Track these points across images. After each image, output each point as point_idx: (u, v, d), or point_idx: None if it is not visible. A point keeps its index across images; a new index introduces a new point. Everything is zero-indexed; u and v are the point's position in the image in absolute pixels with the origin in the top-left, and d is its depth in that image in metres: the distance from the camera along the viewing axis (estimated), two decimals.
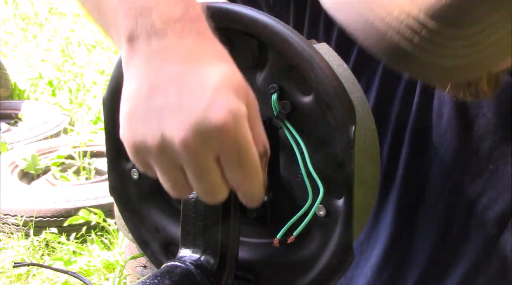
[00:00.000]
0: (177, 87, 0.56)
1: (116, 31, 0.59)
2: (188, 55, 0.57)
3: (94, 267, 2.46)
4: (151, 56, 0.57)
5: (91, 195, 2.65)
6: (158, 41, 0.57)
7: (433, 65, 0.52)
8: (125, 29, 0.58)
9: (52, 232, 2.59)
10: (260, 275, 0.73)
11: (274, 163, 0.70)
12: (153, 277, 0.67)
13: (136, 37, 0.57)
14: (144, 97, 0.57)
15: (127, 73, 0.59)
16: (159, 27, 0.57)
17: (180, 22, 0.57)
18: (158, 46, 0.57)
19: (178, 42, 0.57)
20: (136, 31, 0.57)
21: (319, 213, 0.67)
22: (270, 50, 0.66)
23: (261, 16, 0.65)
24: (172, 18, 0.57)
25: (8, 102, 3.98)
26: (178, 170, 0.58)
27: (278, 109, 0.66)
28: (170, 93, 0.56)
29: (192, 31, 0.58)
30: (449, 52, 0.51)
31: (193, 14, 0.59)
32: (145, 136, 0.57)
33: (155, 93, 0.56)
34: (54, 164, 2.97)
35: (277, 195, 0.70)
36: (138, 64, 0.58)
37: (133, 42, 0.57)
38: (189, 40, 0.57)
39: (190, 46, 0.57)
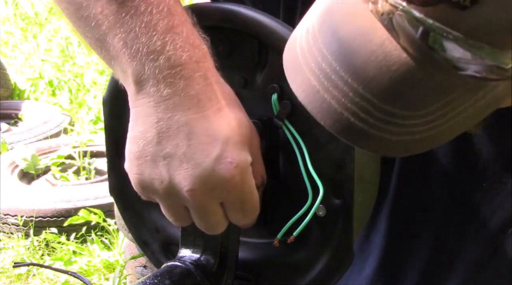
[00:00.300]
0: (186, 136, 0.58)
1: (121, 70, 0.60)
2: (197, 103, 0.59)
3: (94, 267, 2.45)
4: (160, 102, 0.58)
5: (91, 195, 2.65)
6: (166, 88, 0.58)
7: (390, 141, 0.52)
8: (132, 71, 0.58)
9: (52, 232, 2.59)
10: (260, 275, 0.73)
11: (274, 163, 0.70)
12: (153, 277, 0.67)
13: (144, 80, 0.58)
14: (153, 142, 0.59)
15: (134, 112, 0.60)
16: (167, 72, 0.58)
17: (188, 67, 0.58)
18: (167, 92, 0.58)
19: (187, 88, 0.58)
20: (144, 74, 0.58)
21: (319, 213, 0.67)
22: (270, 50, 0.66)
23: (261, 16, 0.65)
24: (179, 63, 0.58)
25: (8, 102, 3.97)
26: (182, 209, 0.63)
27: (278, 109, 0.66)
28: (180, 142, 0.58)
29: (200, 76, 0.59)
30: (406, 129, 0.52)
31: (199, 54, 0.60)
32: (153, 180, 0.61)
33: (164, 140, 0.59)
34: (54, 164, 2.96)
35: (277, 195, 0.70)
36: (147, 107, 0.59)
37: (141, 84, 0.59)
38: (198, 86, 0.59)
39: (199, 93, 0.59)
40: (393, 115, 0.51)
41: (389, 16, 0.47)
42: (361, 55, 0.50)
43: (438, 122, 0.52)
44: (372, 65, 0.50)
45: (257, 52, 0.67)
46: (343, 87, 0.51)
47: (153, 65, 0.57)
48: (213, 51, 0.69)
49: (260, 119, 0.68)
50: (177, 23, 0.59)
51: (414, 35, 0.46)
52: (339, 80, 0.51)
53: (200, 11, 0.69)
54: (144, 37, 0.58)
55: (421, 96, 0.50)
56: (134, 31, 0.58)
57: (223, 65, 0.70)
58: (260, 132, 0.68)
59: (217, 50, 0.69)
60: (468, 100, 0.51)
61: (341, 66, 0.51)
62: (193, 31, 0.61)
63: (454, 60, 0.46)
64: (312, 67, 0.53)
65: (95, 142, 3.12)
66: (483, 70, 0.46)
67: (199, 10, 0.69)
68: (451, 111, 0.51)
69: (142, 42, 0.58)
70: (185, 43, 0.59)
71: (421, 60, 0.48)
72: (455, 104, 0.51)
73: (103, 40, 0.60)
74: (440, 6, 0.44)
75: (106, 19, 0.59)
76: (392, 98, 0.50)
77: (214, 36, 0.69)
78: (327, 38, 0.52)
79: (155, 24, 0.58)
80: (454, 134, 0.55)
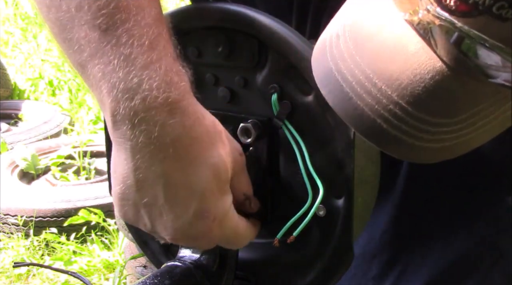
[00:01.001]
0: (163, 188, 0.58)
1: (100, 100, 0.59)
2: (173, 152, 0.57)
3: (94, 267, 2.45)
4: (136, 149, 0.57)
5: (91, 195, 2.65)
6: (141, 135, 0.56)
7: (420, 148, 0.53)
8: (108, 106, 0.57)
9: (52, 232, 2.59)
10: (260, 275, 0.73)
11: (274, 163, 0.70)
12: (153, 277, 0.67)
13: (120, 121, 0.57)
14: (133, 188, 0.59)
15: (114, 149, 0.60)
16: (142, 115, 0.56)
17: (163, 108, 0.56)
18: (142, 141, 0.56)
19: (162, 136, 0.56)
20: (119, 114, 0.56)
21: (319, 213, 0.67)
22: (270, 50, 0.66)
23: (261, 16, 0.65)
24: (154, 105, 0.56)
25: (8, 102, 3.98)
26: None
27: (278, 109, 0.66)
28: (158, 193, 0.58)
29: (177, 120, 0.57)
30: (436, 137, 0.53)
31: (176, 94, 0.57)
32: (137, 223, 0.62)
33: (143, 188, 0.59)
34: (54, 164, 2.97)
35: (277, 195, 0.70)
36: (124, 150, 0.58)
37: (118, 124, 0.57)
38: (173, 133, 0.57)
39: (175, 140, 0.57)
40: (426, 123, 0.52)
41: (428, 26, 0.48)
42: (395, 62, 0.51)
43: (467, 130, 0.53)
44: (407, 73, 0.51)
45: (257, 52, 0.67)
46: (377, 94, 0.52)
47: (128, 105, 0.56)
48: (213, 51, 0.70)
49: (260, 119, 0.68)
50: (156, 58, 0.57)
51: (450, 43, 0.47)
52: (372, 87, 0.52)
53: (199, 11, 0.69)
54: (121, 71, 0.56)
55: (454, 104, 0.51)
56: (112, 64, 0.56)
57: (223, 65, 0.70)
58: (260, 132, 0.68)
59: (217, 50, 0.69)
60: (498, 109, 0.52)
61: (374, 73, 0.52)
62: (173, 66, 0.58)
63: (485, 67, 0.47)
64: (344, 73, 0.53)
65: (95, 142, 3.13)
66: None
67: (199, 10, 0.69)
68: (481, 120, 0.52)
69: (119, 77, 0.56)
70: (161, 82, 0.56)
71: (455, 68, 0.49)
72: (485, 113, 0.52)
73: (84, 67, 0.58)
74: (481, 18, 0.46)
75: (88, 46, 0.57)
76: (425, 105, 0.51)
77: (214, 36, 0.69)
78: (360, 45, 0.53)
79: (134, 58, 0.56)
80: (482, 141, 0.56)
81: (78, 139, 3.16)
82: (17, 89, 4.23)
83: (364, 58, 0.53)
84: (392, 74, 0.51)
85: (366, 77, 0.52)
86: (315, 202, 0.65)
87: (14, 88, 4.21)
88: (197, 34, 0.70)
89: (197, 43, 0.70)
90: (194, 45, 0.70)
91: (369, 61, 0.52)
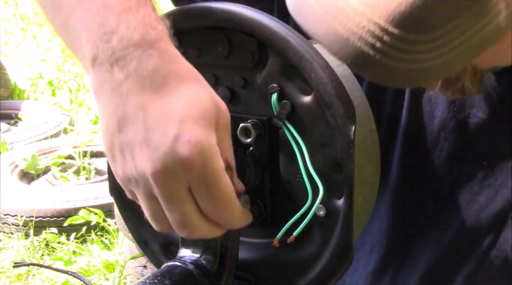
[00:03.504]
0: (143, 120, 0.57)
1: (82, 54, 0.59)
2: (150, 83, 0.57)
3: (94, 267, 2.46)
4: (115, 87, 0.57)
5: (91, 195, 2.65)
6: (119, 70, 0.57)
7: (396, 69, 0.52)
8: (88, 54, 0.58)
9: (52, 232, 2.59)
10: (260, 275, 0.73)
11: (274, 163, 0.70)
12: (153, 277, 0.67)
13: (99, 64, 0.57)
14: (115, 132, 0.58)
15: (98, 102, 0.59)
16: (120, 54, 0.57)
17: (140, 46, 0.57)
18: (120, 76, 0.57)
19: (139, 69, 0.57)
20: (98, 57, 0.57)
21: (319, 213, 0.67)
22: (270, 50, 0.66)
23: (261, 16, 0.65)
24: (132, 43, 0.57)
25: (8, 102, 3.98)
26: (155, 200, 0.60)
27: (278, 109, 0.66)
28: (137, 127, 0.57)
29: (153, 54, 0.57)
30: (412, 56, 0.52)
31: (153, 34, 0.58)
32: (124, 170, 0.59)
33: (124, 127, 0.57)
34: (54, 164, 2.97)
35: (277, 195, 0.70)
36: (105, 96, 0.58)
37: (97, 69, 0.58)
38: (151, 65, 0.57)
39: (152, 72, 0.57)
40: (400, 40, 0.51)
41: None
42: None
43: (444, 49, 0.52)
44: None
45: (256, 52, 0.67)
46: (349, 12, 0.51)
47: (106, 47, 0.57)
48: (213, 51, 0.70)
49: (260, 119, 0.68)
50: (135, 5, 0.58)
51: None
52: (345, 4, 0.51)
53: (199, 11, 0.69)
54: (100, 17, 0.57)
55: (429, 18, 0.51)
56: (92, 12, 0.58)
57: (223, 65, 0.70)
58: (260, 132, 0.68)
59: (216, 50, 0.69)
60: (475, 25, 0.51)
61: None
62: (151, 13, 0.59)
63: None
64: None
65: (95, 142, 3.13)
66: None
67: (199, 10, 0.69)
68: (458, 37, 0.51)
69: (98, 22, 0.57)
70: (139, 23, 0.58)
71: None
72: (461, 29, 0.51)
73: (66, 25, 0.60)
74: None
75: (69, 1, 0.59)
76: (399, 20, 0.50)
77: (213, 36, 0.69)
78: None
79: (113, 5, 0.58)
80: (458, 65, 0.55)
81: (78, 139, 3.16)
82: (17, 89, 4.23)
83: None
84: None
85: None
86: (315, 202, 0.65)
87: (14, 88, 4.22)
88: (197, 34, 0.70)
89: (197, 43, 0.70)
90: (194, 45, 0.70)
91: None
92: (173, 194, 0.58)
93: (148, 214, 0.62)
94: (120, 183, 0.62)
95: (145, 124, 0.57)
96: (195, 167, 0.57)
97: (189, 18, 0.70)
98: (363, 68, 0.53)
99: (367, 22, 0.51)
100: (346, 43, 0.51)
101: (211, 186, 0.58)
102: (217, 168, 0.58)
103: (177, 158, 0.56)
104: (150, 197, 0.60)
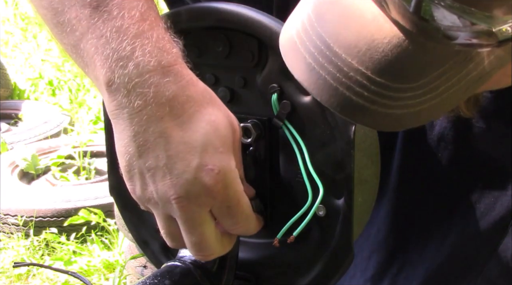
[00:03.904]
0: (164, 147, 0.58)
1: (94, 77, 0.60)
2: (170, 111, 0.58)
3: (94, 267, 2.45)
4: (133, 114, 0.58)
5: (91, 195, 2.65)
6: (137, 97, 0.57)
7: (385, 115, 0.53)
8: (103, 78, 0.58)
9: (52, 232, 2.59)
10: (260, 275, 0.73)
11: (274, 163, 0.70)
12: (153, 277, 0.67)
13: (116, 90, 0.58)
14: (135, 156, 0.59)
15: (114, 123, 0.60)
16: (136, 80, 0.57)
17: (157, 72, 0.58)
18: (138, 103, 0.57)
19: (158, 96, 0.58)
20: (114, 83, 0.58)
21: (319, 213, 0.67)
22: (270, 50, 0.66)
23: (261, 16, 0.65)
24: (148, 69, 0.57)
25: (8, 102, 3.98)
26: (173, 221, 0.63)
27: (278, 109, 0.66)
28: (159, 154, 0.58)
29: (170, 80, 0.58)
30: (399, 103, 0.52)
31: (168, 58, 0.59)
32: (144, 192, 0.61)
33: (145, 153, 0.59)
34: (54, 164, 2.96)
35: (277, 195, 0.70)
36: (122, 120, 0.59)
37: (113, 94, 0.58)
38: (168, 92, 0.58)
39: (170, 99, 0.58)
40: (387, 88, 0.52)
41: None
42: (354, 30, 0.51)
43: (430, 95, 0.52)
44: (365, 39, 0.51)
45: (256, 52, 0.67)
46: (337, 62, 0.52)
47: (122, 72, 0.57)
48: (213, 51, 0.70)
49: (260, 119, 0.68)
50: (148, 28, 0.58)
51: (407, 8, 0.47)
52: (333, 55, 0.52)
53: (199, 11, 0.69)
54: (114, 42, 0.57)
55: (414, 68, 0.51)
56: (105, 37, 0.57)
57: (223, 65, 0.70)
58: (260, 132, 0.68)
59: (216, 50, 0.69)
60: (460, 72, 0.52)
61: (334, 42, 0.52)
62: (164, 35, 0.60)
63: (445, 28, 0.47)
64: (307, 45, 0.54)
65: (95, 142, 3.12)
66: (472, 36, 0.47)
67: (199, 10, 0.69)
68: (443, 84, 0.52)
69: (112, 47, 0.57)
70: (154, 48, 0.58)
71: (412, 31, 0.49)
72: (447, 77, 0.52)
73: (77, 46, 0.59)
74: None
75: (79, 25, 0.58)
76: (385, 70, 0.51)
77: (213, 36, 0.69)
78: (321, 18, 0.54)
79: (126, 29, 0.57)
80: (447, 107, 0.55)
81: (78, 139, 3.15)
82: (17, 89, 4.23)
83: (324, 28, 0.53)
84: (351, 42, 0.51)
85: (327, 46, 0.52)
86: (315, 202, 0.65)
87: (14, 88, 4.21)
88: (197, 34, 0.70)
89: (197, 43, 0.70)
90: (194, 45, 0.70)
91: (329, 31, 0.53)
92: (194, 218, 0.61)
93: (164, 232, 0.64)
94: (137, 200, 0.63)
95: (166, 152, 0.58)
96: (218, 193, 0.60)
97: (190, 18, 0.70)
98: (352, 115, 0.54)
99: (354, 72, 0.52)
100: (335, 92, 0.53)
101: (232, 207, 0.62)
102: (238, 190, 0.62)
103: (200, 185, 0.59)
104: (168, 218, 0.63)
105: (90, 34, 0.58)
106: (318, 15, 0.54)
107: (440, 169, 0.81)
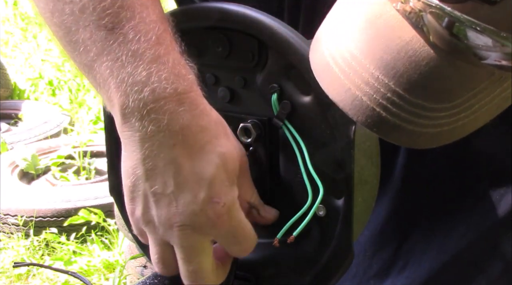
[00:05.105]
0: (173, 175, 0.58)
1: (108, 98, 0.59)
2: (182, 140, 0.58)
3: (94, 267, 2.46)
4: (146, 138, 0.58)
5: (91, 195, 2.65)
6: (150, 124, 0.57)
7: (420, 134, 0.54)
8: (117, 101, 0.58)
9: (52, 232, 2.59)
10: (260, 275, 0.73)
11: (274, 163, 0.70)
12: (153, 277, 0.67)
13: (129, 113, 0.58)
14: (142, 179, 0.59)
15: (123, 143, 0.60)
16: (151, 106, 0.57)
17: (172, 99, 0.58)
18: (151, 129, 0.57)
19: (171, 124, 0.58)
20: (128, 107, 0.57)
21: (319, 213, 0.67)
22: (270, 50, 0.66)
23: (261, 16, 0.65)
24: (163, 96, 0.57)
25: (8, 102, 3.98)
26: (168, 247, 0.62)
27: (278, 109, 0.66)
28: (167, 180, 0.59)
29: (186, 109, 0.58)
30: (434, 122, 0.54)
31: (184, 85, 0.59)
32: (144, 215, 0.61)
33: (153, 177, 0.59)
34: (54, 164, 2.97)
35: (277, 195, 0.70)
36: (133, 142, 0.58)
37: (126, 116, 0.58)
38: (182, 120, 0.58)
39: (184, 128, 0.58)
40: (424, 108, 0.53)
41: (419, 14, 0.50)
42: (390, 51, 0.52)
43: (465, 114, 0.54)
44: (402, 61, 0.52)
45: (256, 52, 0.67)
46: (374, 83, 0.53)
47: (137, 97, 0.57)
48: (213, 51, 0.70)
49: (260, 119, 0.68)
50: (164, 52, 0.58)
51: (441, 28, 0.49)
52: (369, 77, 0.53)
53: (199, 11, 0.69)
54: (130, 66, 0.57)
55: (450, 89, 0.52)
56: (120, 60, 0.57)
57: (223, 65, 0.70)
58: (260, 132, 0.68)
59: (216, 50, 0.69)
60: (493, 91, 0.53)
61: (371, 63, 0.53)
62: (180, 60, 0.60)
63: (476, 48, 0.49)
64: (341, 66, 0.54)
65: (95, 142, 3.13)
66: (502, 58, 0.49)
67: (199, 10, 0.69)
68: (478, 103, 0.53)
69: (128, 71, 0.57)
70: (170, 74, 0.58)
71: (448, 53, 0.50)
72: (481, 96, 0.53)
73: (90, 67, 0.59)
74: (470, 2, 0.47)
75: (94, 46, 0.58)
76: (422, 92, 0.52)
77: (213, 36, 0.69)
78: (355, 37, 0.54)
79: (142, 53, 0.57)
80: (479, 124, 0.57)
81: (78, 139, 3.16)
82: (17, 89, 4.23)
83: (360, 49, 0.54)
84: (388, 63, 0.52)
85: (363, 67, 0.53)
86: (315, 202, 0.65)
87: (14, 88, 4.22)
88: (197, 34, 0.70)
89: (197, 43, 0.70)
90: (194, 45, 0.70)
91: (365, 52, 0.53)
92: (195, 246, 0.61)
93: (157, 257, 0.64)
94: (133, 222, 0.63)
95: (175, 179, 0.58)
96: (223, 224, 0.60)
97: (189, 18, 0.70)
98: (389, 135, 0.55)
99: (391, 93, 0.53)
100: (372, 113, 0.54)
101: (236, 235, 0.63)
102: (241, 219, 0.63)
103: (206, 217, 0.59)
104: (164, 244, 0.62)
105: (105, 57, 0.58)
106: (352, 36, 0.54)
107: (444, 168, 0.81)
